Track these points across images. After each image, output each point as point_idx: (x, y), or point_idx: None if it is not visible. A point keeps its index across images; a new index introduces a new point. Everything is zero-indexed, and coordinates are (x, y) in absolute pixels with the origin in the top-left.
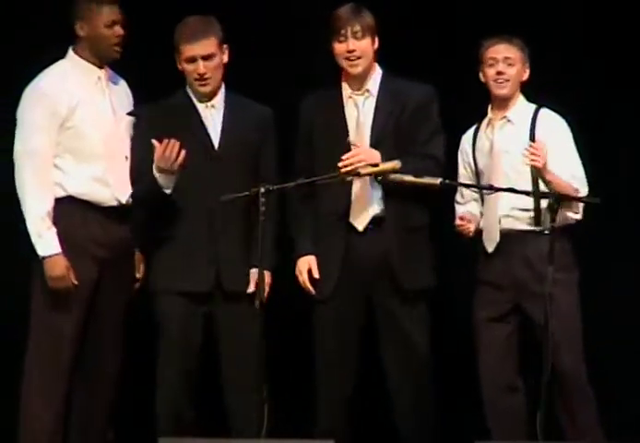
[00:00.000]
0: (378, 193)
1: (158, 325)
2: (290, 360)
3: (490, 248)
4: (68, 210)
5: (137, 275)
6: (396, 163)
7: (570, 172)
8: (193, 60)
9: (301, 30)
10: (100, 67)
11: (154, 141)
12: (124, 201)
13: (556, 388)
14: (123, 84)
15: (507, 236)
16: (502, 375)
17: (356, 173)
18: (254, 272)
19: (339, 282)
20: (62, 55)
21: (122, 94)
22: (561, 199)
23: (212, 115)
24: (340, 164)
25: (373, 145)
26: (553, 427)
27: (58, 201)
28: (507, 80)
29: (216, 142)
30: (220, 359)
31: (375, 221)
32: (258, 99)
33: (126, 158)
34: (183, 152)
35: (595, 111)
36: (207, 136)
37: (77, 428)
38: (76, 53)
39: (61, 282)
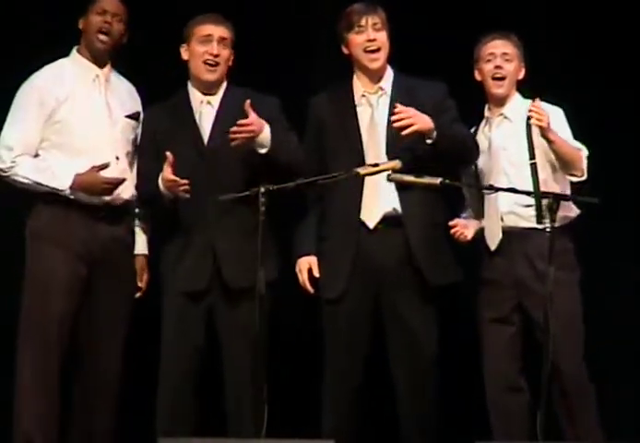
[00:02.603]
0: (391, 190)
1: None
2: (290, 360)
3: (492, 246)
4: (50, 207)
5: (140, 284)
6: (396, 163)
7: (574, 144)
8: (208, 40)
9: (302, 32)
10: (101, 67)
11: (167, 153)
12: (107, 199)
13: (556, 387)
14: (127, 87)
15: (509, 234)
16: (505, 375)
17: (356, 174)
18: None
19: (350, 281)
20: (64, 55)
21: (123, 96)
22: (559, 199)
23: (207, 113)
24: (394, 118)
25: (389, 143)
26: (553, 427)
27: (41, 198)
28: (504, 77)
29: (206, 138)
30: (221, 357)
31: (389, 219)
32: None
33: (117, 158)
34: (187, 187)
35: (594, 111)
36: (198, 132)
37: (76, 429)
38: (78, 51)
39: (107, 188)
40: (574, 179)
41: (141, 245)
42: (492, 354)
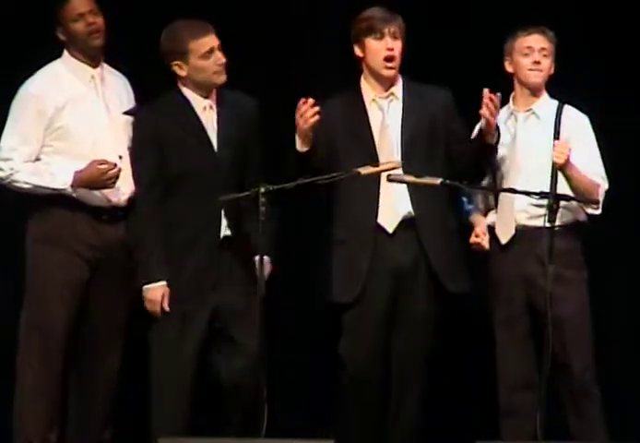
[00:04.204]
0: (406, 193)
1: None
2: (290, 359)
3: (504, 240)
4: (57, 210)
5: None
6: (396, 163)
7: (592, 169)
8: (211, 52)
9: (299, 32)
10: (95, 66)
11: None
12: (114, 201)
13: (564, 386)
14: (122, 82)
15: (520, 232)
16: (517, 373)
17: (357, 173)
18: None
19: (366, 285)
20: (60, 55)
21: (120, 92)
22: (560, 199)
23: (211, 117)
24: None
25: (405, 147)
26: (557, 426)
27: (47, 201)
28: (541, 71)
29: (215, 145)
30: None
31: (406, 222)
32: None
33: (120, 157)
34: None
35: (595, 112)
36: (208, 139)
37: (74, 429)
38: (69, 52)
39: (109, 178)
40: (589, 211)
41: None
42: (504, 353)
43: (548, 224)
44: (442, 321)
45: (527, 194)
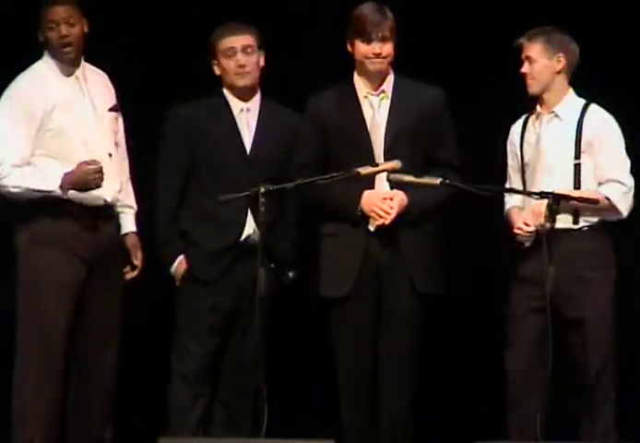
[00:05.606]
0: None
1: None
2: (290, 359)
3: (527, 242)
4: (54, 212)
5: (135, 262)
6: (396, 163)
7: (613, 175)
8: (232, 52)
9: (299, 31)
10: (77, 66)
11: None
12: (109, 199)
13: (579, 385)
14: (103, 78)
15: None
16: (527, 372)
17: (356, 173)
18: None
19: (358, 279)
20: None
21: (103, 90)
22: (560, 200)
23: (247, 120)
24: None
25: (389, 146)
26: (555, 427)
27: (43, 202)
28: (533, 78)
29: (248, 147)
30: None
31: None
32: None
33: (110, 155)
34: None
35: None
36: (241, 141)
37: (74, 429)
38: (49, 54)
39: (97, 177)
40: (614, 217)
41: (130, 223)
42: (516, 351)
43: (548, 225)
44: (426, 319)
45: (528, 194)
